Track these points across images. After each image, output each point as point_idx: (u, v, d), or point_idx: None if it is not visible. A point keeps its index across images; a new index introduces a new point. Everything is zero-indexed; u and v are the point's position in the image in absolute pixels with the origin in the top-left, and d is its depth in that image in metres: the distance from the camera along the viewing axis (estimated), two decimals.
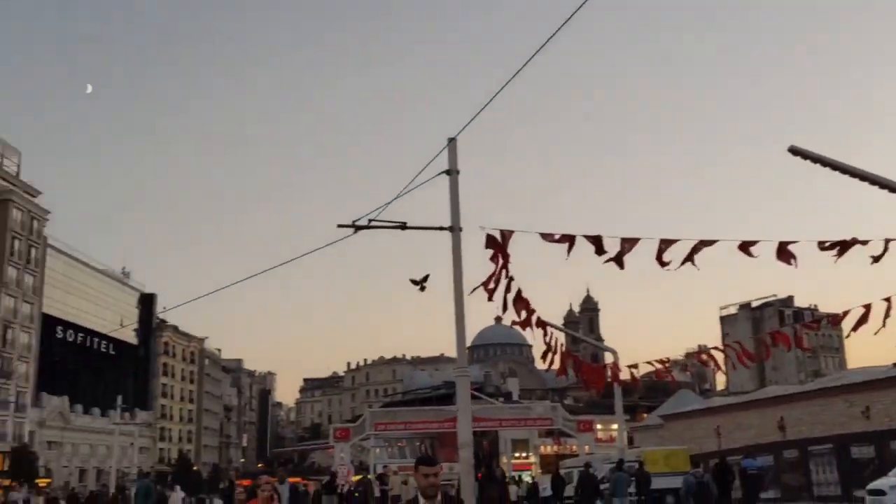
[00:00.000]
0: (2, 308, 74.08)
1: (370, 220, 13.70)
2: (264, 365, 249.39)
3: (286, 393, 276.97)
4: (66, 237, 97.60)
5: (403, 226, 13.43)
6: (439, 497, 5.11)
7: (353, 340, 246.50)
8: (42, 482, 64.54)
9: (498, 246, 13.33)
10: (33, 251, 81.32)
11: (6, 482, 61.86)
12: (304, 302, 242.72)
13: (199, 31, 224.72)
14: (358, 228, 13.65)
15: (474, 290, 12.22)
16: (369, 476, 25.61)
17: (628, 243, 12.22)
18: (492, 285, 12.18)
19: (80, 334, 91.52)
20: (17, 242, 78.04)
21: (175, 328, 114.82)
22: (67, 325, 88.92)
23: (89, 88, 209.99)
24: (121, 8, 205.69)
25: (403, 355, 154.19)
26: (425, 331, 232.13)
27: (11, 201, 77.78)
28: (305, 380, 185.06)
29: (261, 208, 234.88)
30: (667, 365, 19.18)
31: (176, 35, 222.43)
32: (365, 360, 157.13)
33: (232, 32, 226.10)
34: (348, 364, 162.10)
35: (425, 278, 13.04)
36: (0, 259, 74.88)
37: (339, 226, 13.79)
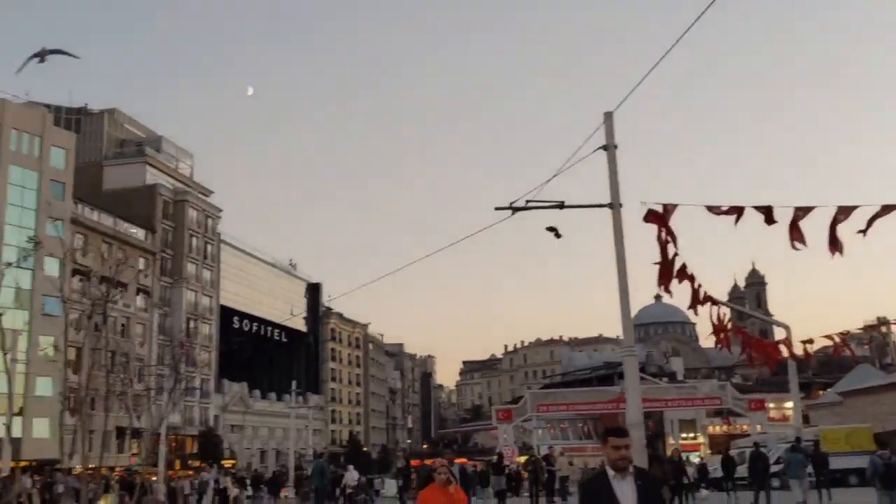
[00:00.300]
0: (185, 301, 79.72)
1: (527, 201, 13.71)
2: (424, 348, 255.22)
3: (446, 375, 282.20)
4: (236, 233, 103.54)
5: (561, 205, 13.32)
6: (631, 469, 4.79)
7: (509, 323, 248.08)
8: (227, 463, 69.10)
9: (661, 221, 13.02)
10: (209, 247, 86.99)
11: (196, 463, 66.82)
12: (461, 285, 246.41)
13: (347, 19, 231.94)
14: (515, 210, 13.66)
15: (660, 266, 11.95)
16: (536, 455, 25.67)
17: (801, 212, 11.63)
18: (662, 262, 11.95)
19: (255, 324, 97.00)
20: (194, 240, 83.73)
21: (340, 315, 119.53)
22: (243, 316, 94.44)
23: (250, 90, 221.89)
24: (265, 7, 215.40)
25: (560, 337, 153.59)
26: (582, 312, 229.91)
27: (188, 202, 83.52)
28: (464, 362, 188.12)
29: (417, 194, 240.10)
30: (846, 339, 18.12)
31: (329, 27, 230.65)
32: (522, 342, 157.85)
33: (386, 19, 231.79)
34: (505, 346, 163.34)
35: (557, 231, 13.05)
36: (180, 256, 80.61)
37: (497, 208, 13.86)
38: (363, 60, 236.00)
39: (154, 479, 39.62)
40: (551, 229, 13.06)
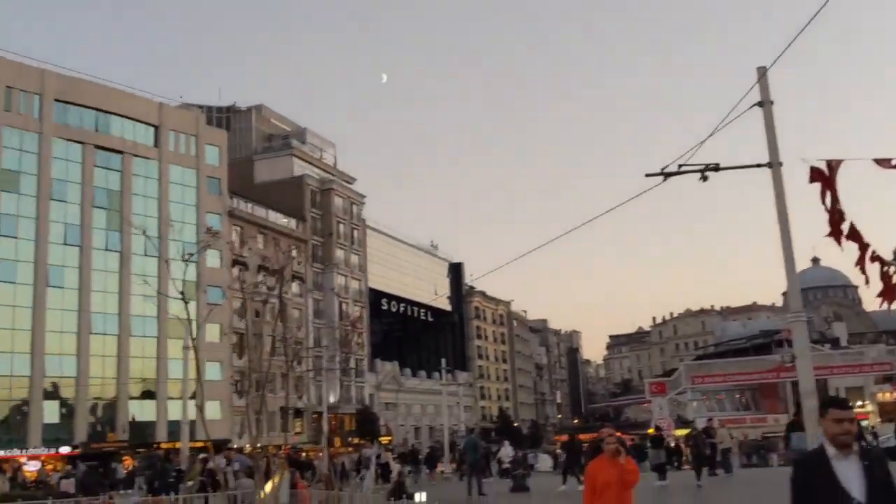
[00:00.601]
0: (336, 285, 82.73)
1: (679, 165, 13.26)
2: (568, 324, 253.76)
3: (592, 350, 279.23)
4: (380, 217, 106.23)
5: (717, 167, 12.79)
6: (855, 447, 4.11)
7: (656, 295, 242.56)
8: (384, 439, 71.44)
9: (825, 179, 12.30)
10: (355, 233, 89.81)
11: (355, 440, 69.48)
12: (604, 258, 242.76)
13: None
14: (667, 175, 13.23)
15: (830, 226, 11.35)
16: (697, 428, 25.00)
17: None
18: (831, 222, 11.32)
19: (402, 305, 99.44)
20: (341, 226, 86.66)
21: (483, 293, 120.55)
22: (390, 297, 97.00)
23: (384, 78, 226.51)
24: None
25: (712, 306, 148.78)
26: (733, 280, 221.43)
27: (333, 190, 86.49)
28: (611, 336, 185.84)
29: (558, 166, 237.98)
30: None
31: (457, 9, 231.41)
32: (671, 313, 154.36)
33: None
34: (653, 318, 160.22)
35: (704, 174, 12.55)
36: (329, 242, 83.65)
37: (648, 175, 13.46)
38: (501, 30, 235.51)
39: (318, 456, 41.56)
40: (703, 170, 12.60)
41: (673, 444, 33.04)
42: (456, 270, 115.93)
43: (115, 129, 61.78)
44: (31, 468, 42.50)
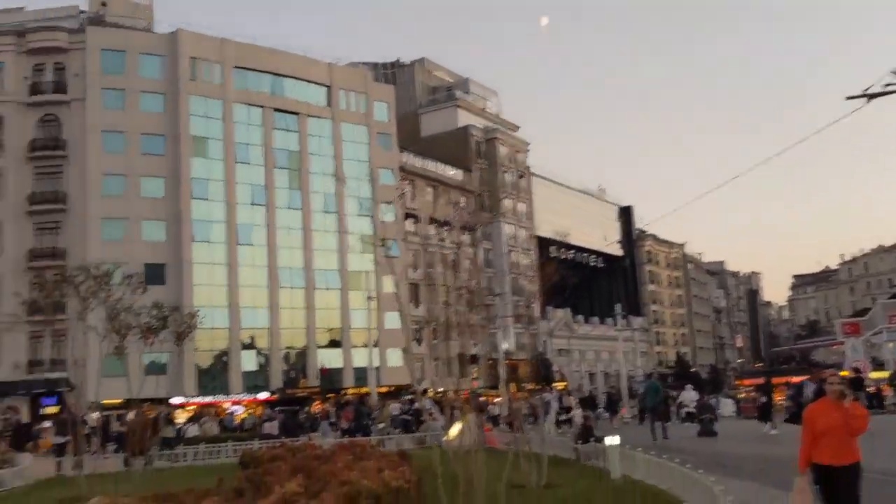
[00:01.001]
0: (504, 235, 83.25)
1: (886, 84, 12.17)
2: (747, 265, 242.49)
3: (773, 292, 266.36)
4: (544, 163, 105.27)
5: None
6: None
7: (844, 230, 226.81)
8: (559, 385, 71.82)
9: None
10: (521, 181, 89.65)
11: (531, 386, 70.24)
12: (783, 195, 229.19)
13: None
14: (872, 97, 12.20)
15: None
16: None
17: None
18: None
19: (571, 251, 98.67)
20: (506, 175, 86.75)
21: (654, 237, 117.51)
22: (559, 244, 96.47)
23: (544, 20, 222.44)
24: None
25: None
26: None
27: (497, 139, 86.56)
28: (795, 276, 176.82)
29: (730, 97, 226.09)
30: None
31: None
32: (861, 249, 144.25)
33: None
34: (842, 256, 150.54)
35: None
36: (496, 192, 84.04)
37: (849, 97, 12.46)
38: None
39: (496, 400, 42.47)
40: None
41: (872, 388, 30.99)
42: (626, 214, 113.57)
43: (290, 92, 64.54)
44: (236, 412, 46.17)
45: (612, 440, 13.98)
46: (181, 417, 42.95)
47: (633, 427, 32.19)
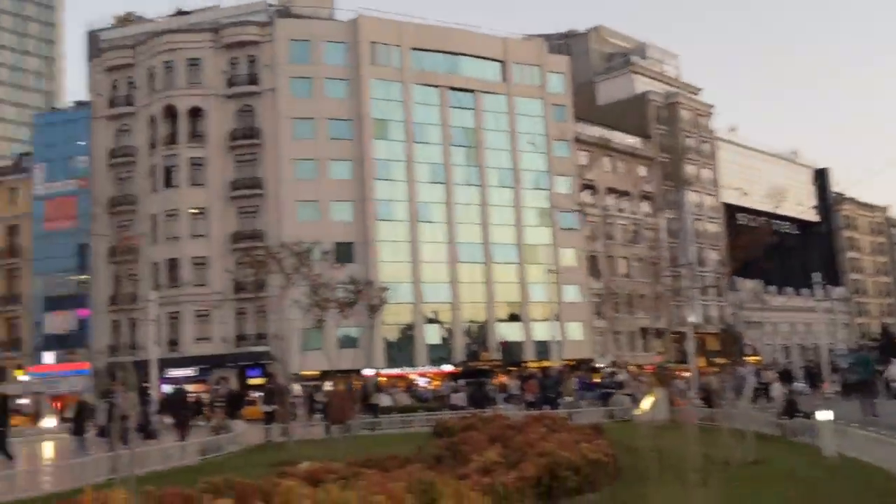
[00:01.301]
0: (688, 203, 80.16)
1: None
2: None
3: None
4: (729, 126, 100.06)
5: None
6: None
7: None
8: (752, 359, 68.53)
9: None
10: (705, 146, 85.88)
11: (721, 360, 67.48)
12: None
13: None
14: None
15: None
16: None
17: None
18: None
19: (760, 218, 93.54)
20: (689, 141, 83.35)
21: (854, 200, 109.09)
22: (748, 211, 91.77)
23: None
24: None
25: None
26: None
27: (678, 103, 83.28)
28: None
29: None
30: None
31: None
32: None
33: None
34: None
35: None
36: (678, 158, 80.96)
37: None
38: None
39: (684, 375, 41.20)
40: None
41: None
42: (822, 177, 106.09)
43: (465, 69, 65.13)
44: (421, 383, 47.73)
45: (823, 415, 13.14)
46: None
47: (837, 402, 30.17)
